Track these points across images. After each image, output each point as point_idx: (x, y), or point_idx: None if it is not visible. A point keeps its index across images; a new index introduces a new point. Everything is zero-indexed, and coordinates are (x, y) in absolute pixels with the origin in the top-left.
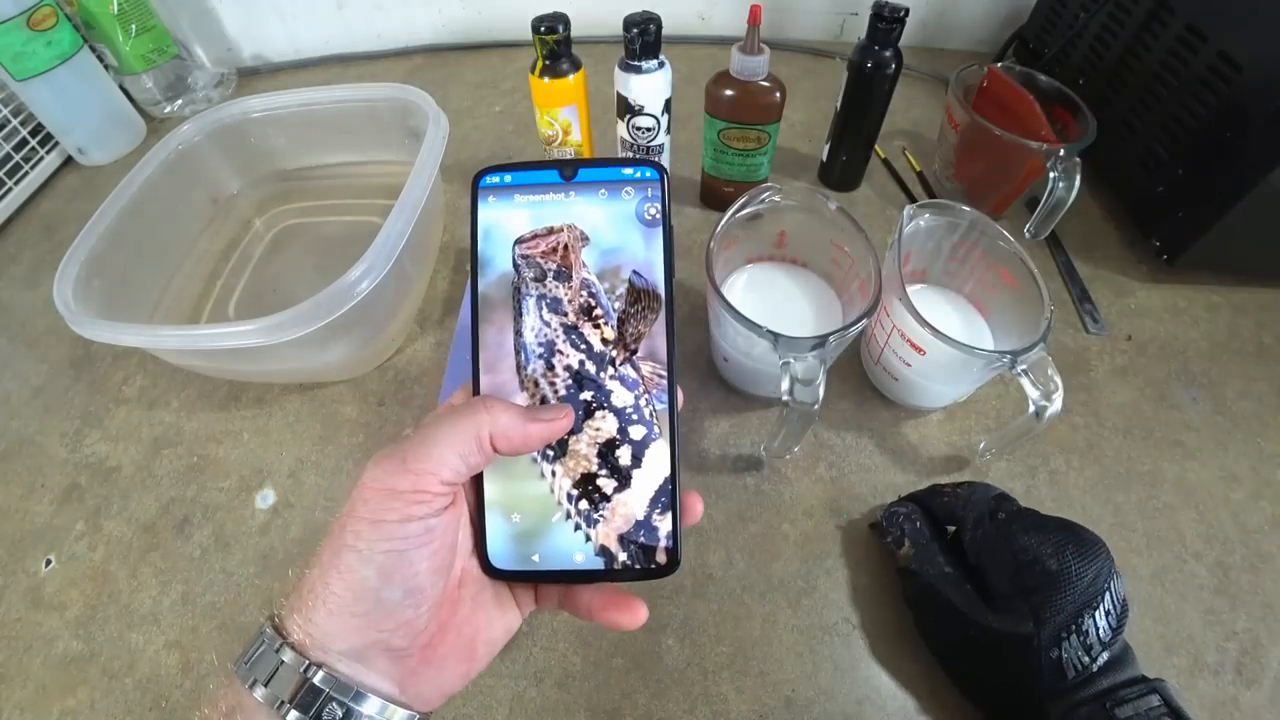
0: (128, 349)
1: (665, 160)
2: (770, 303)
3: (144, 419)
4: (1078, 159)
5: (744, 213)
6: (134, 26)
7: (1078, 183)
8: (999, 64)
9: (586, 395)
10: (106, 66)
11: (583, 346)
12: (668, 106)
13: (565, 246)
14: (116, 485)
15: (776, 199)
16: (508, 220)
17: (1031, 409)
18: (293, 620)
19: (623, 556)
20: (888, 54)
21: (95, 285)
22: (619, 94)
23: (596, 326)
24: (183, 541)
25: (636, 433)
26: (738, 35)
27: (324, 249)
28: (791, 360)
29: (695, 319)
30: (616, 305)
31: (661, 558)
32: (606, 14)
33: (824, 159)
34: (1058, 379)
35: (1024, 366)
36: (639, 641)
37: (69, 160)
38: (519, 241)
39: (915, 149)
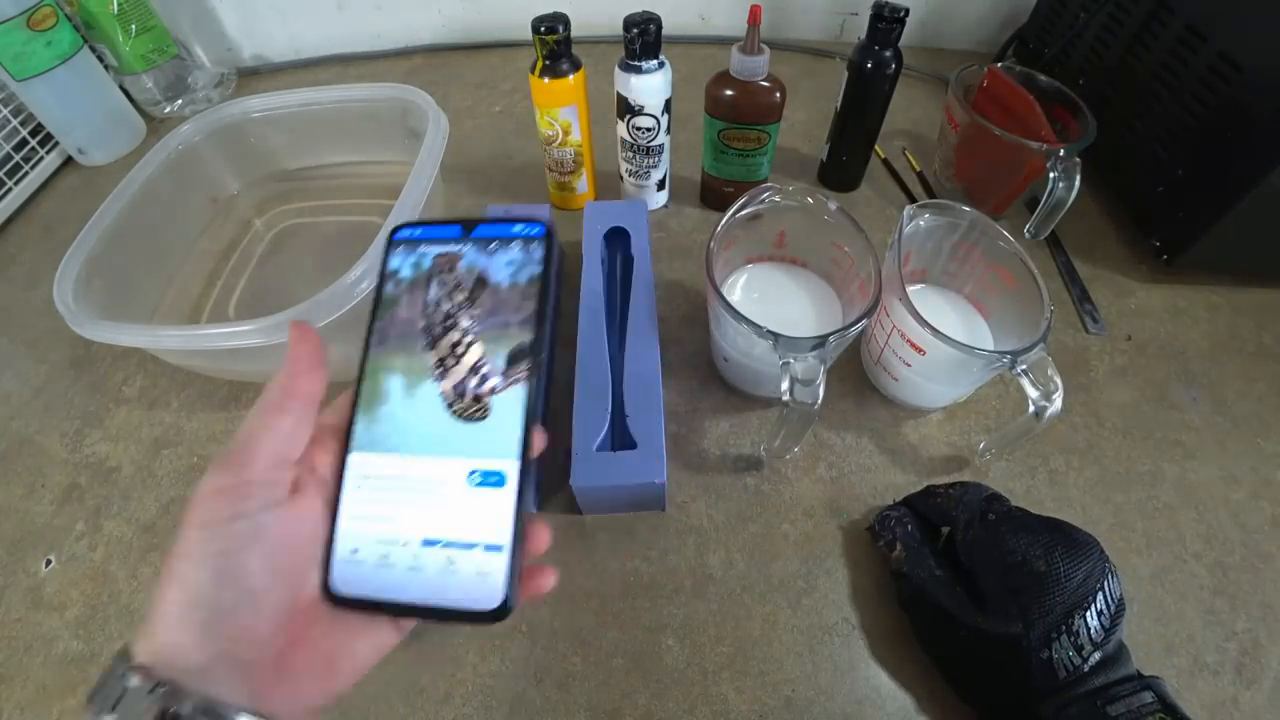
0: (128, 349)
1: (665, 160)
2: (770, 303)
3: (144, 419)
4: (1078, 159)
5: (744, 213)
6: (134, 26)
7: (1078, 183)
8: (999, 64)
9: (448, 324)
10: (106, 66)
11: (464, 319)
12: (668, 106)
13: (452, 259)
14: (116, 485)
15: (776, 199)
16: (413, 261)
17: (1031, 409)
18: (139, 644)
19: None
20: (888, 54)
21: (95, 285)
22: (619, 94)
23: (455, 292)
24: None
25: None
26: (738, 35)
27: (324, 249)
28: (791, 360)
29: (695, 319)
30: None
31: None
32: (606, 14)
33: (824, 159)
34: (1058, 379)
35: (1024, 366)
36: (639, 641)
37: (69, 160)
38: (436, 257)
39: (915, 149)
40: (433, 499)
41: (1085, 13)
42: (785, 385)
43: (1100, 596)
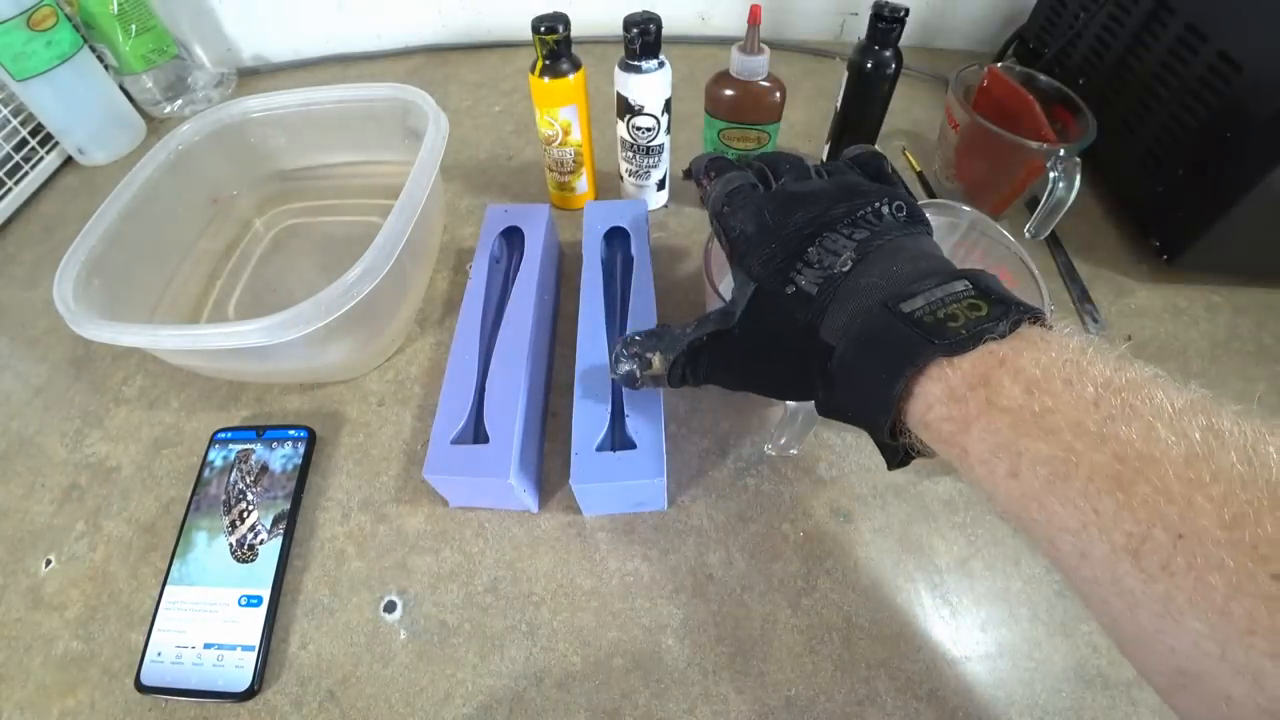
0: (128, 349)
1: (665, 160)
2: None
3: (144, 419)
4: (1078, 159)
5: None
6: (134, 26)
7: (1078, 183)
8: (999, 64)
9: (239, 497)
10: (106, 66)
11: (250, 494)
12: (668, 106)
13: (248, 453)
14: (116, 485)
15: None
16: (225, 451)
17: None
18: None
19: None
20: (888, 54)
21: (95, 285)
22: (619, 94)
23: (247, 475)
24: None
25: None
26: (738, 35)
27: (324, 249)
28: None
29: None
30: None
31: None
32: (606, 14)
33: (824, 159)
34: None
35: None
36: (639, 641)
37: (69, 160)
38: (238, 451)
39: (915, 149)
40: (213, 616)
41: (1085, 13)
42: None
43: (843, 224)
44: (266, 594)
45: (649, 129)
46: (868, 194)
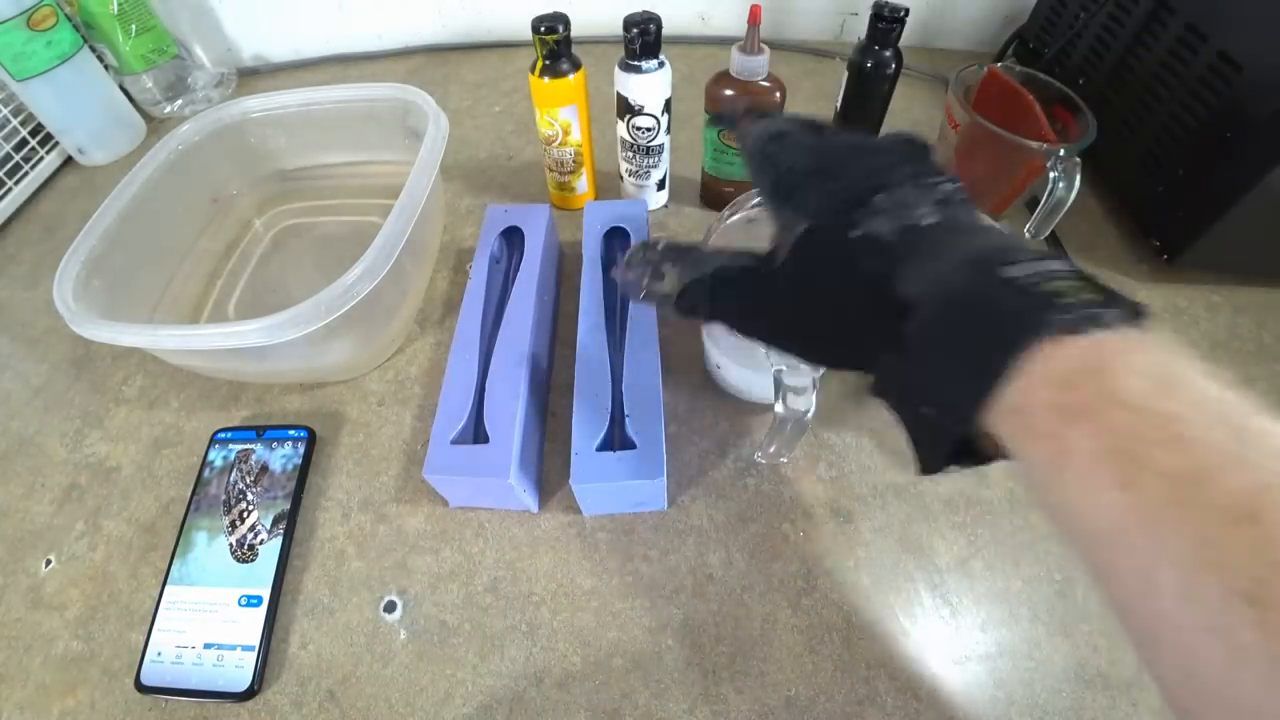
0: (128, 349)
1: (665, 160)
2: None
3: (144, 419)
4: (1078, 159)
5: (736, 218)
6: (134, 26)
7: (1078, 183)
8: (999, 64)
9: (239, 497)
10: (106, 66)
11: (250, 494)
12: (668, 106)
13: (248, 453)
14: (116, 485)
15: None
16: (224, 454)
17: None
18: None
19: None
20: (888, 54)
21: (95, 285)
22: (619, 94)
23: (247, 475)
24: None
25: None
26: (738, 35)
27: (324, 249)
28: (784, 368)
29: (691, 324)
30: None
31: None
32: (606, 14)
33: None
34: None
35: None
36: (639, 641)
37: (69, 160)
38: (238, 451)
39: None
40: (213, 616)
41: (1085, 13)
42: (777, 393)
43: (912, 184)
44: (266, 594)
45: (649, 129)
46: (932, 166)
